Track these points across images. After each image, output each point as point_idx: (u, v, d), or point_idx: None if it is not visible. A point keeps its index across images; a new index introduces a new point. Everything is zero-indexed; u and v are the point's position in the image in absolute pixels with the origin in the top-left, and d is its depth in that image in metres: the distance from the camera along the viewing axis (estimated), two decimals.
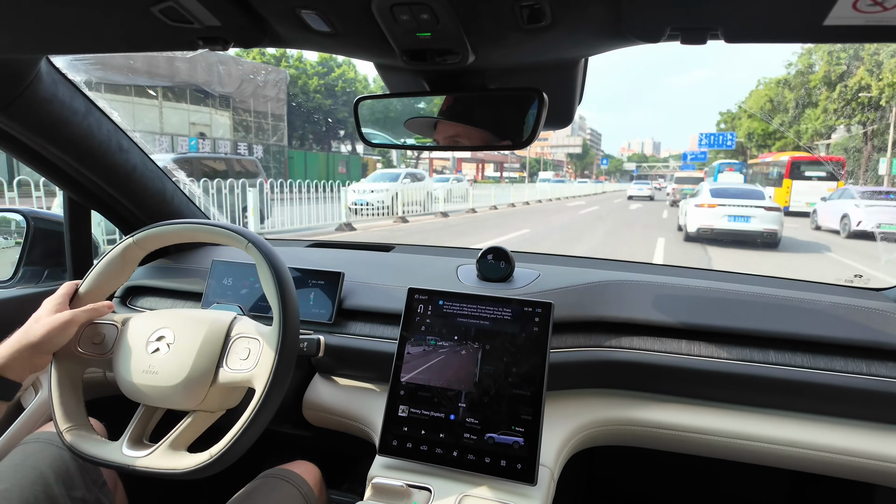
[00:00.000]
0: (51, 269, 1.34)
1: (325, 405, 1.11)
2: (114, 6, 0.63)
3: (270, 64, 28.95)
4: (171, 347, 0.84)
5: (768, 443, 0.95)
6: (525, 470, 0.83)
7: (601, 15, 0.60)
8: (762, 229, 9.82)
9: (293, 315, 0.82)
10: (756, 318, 1.00)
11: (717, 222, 10.11)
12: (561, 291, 1.08)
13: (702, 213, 10.36)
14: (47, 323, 0.82)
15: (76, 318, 0.85)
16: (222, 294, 1.19)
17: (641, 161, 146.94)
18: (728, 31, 0.59)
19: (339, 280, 1.15)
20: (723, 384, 0.97)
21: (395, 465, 0.90)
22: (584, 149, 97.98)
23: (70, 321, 0.84)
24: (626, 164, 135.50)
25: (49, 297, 0.87)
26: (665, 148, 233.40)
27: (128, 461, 0.82)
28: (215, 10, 0.61)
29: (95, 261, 0.93)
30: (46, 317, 0.83)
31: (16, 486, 0.86)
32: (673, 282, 1.13)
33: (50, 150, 1.09)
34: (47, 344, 0.82)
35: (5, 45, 0.79)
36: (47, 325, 0.82)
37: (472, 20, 0.61)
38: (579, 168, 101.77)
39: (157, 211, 1.33)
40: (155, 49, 0.80)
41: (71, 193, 1.27)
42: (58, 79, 1.02)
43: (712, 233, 10.16)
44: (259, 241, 0.85)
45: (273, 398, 0.78)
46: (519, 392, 0.88)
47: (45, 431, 0.98)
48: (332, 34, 0.67)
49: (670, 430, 0.99)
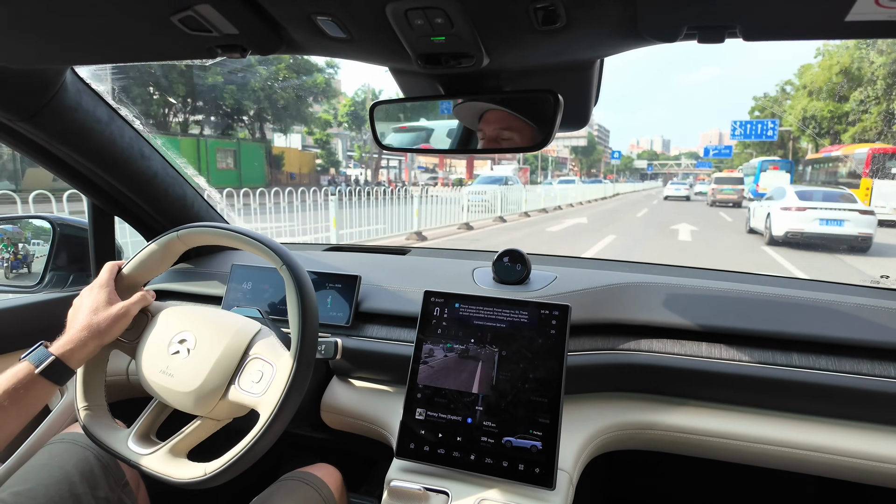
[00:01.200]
0: (76, 274, 1.37)
1: (343, 408, 1.12)
2: (135, 17, 0.64)
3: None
4: (191, 353, 0.85)
5: (793, 447, 0.93)
6: (543, 474, 0.83)
7: (616, 15, 0.60)
8: (857, 233, 9.51)
9: (310, 346, 0.82)
10: (779, 319, 0.98)
11: (808, 226, 9.84)
12: (578, 294, 1.08)
13: (790, 216, 10.07)
14: (110, 314, 0.85)
15: (131, 310, 0.88)
16: (242, 298, 1.21)
17: (652, 158, 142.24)
18: (747, 28, 0.58)
19: (356, 283, 1.15)
20: (745, 387, 0.95)
21: (413, 469, 0.90)
22: (591, 143, 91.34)
23: (127, 312, 0.87)
24: (637, 161, 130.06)
25: (96, 284, 0.89)
26: (675, 146, 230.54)
27: (130, 455, 0.84)
28: (233, 19, 0.62)
29: (137, 250, 0.95)
30: (104, 307, 0.86)
31: (42, 484, 0.88)
32: (692, 283, 1.12)
33: (74, 158, 1.12)
34: (110, 334, 0.85)
35: (33, 56, 0.81)
36: (111, 316, 0.85)
37: (486, 23, 0.61)
38: (585, 166, 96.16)
39: (178, 216, 1.35)
40: (174, 58, 0.81)
41: (95, 200, 1.30)
42: (82, 88, 1.05)
43: (802, 237, 9.89)
44: (294, 265, 0.84)
45: (276, 428, 0.78)
46: (536, 395, 0.87)
47: (71, 432, 1.00)
48: (347, 40, 0.67)
49: (691, 434, 0.98)
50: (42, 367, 0.77)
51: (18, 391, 0.75)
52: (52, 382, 0.78)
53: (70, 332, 0.83)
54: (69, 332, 0.83)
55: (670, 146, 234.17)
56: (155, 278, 1.02)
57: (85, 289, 0.90)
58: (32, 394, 0.77)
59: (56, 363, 0.79)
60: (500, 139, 0.84)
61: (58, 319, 0.89)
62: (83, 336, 0.82)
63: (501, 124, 0.83)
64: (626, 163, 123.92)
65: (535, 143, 0.80)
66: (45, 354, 0.79)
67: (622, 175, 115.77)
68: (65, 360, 0.80)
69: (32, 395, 0.77)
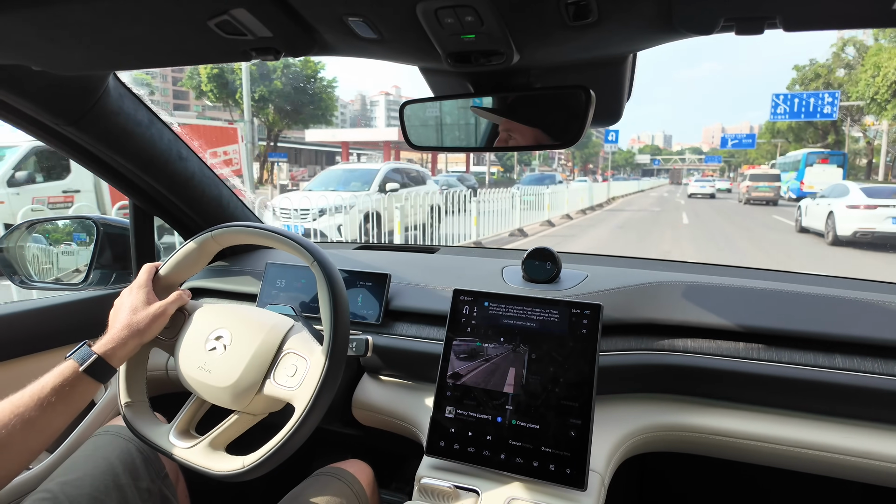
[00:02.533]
0: (118, 272, 1.42)
1: (374, 405, 1.13)
2: (174, 23, 0.66)
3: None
4: (227, 349, 0.88)
5: (837, 453, 0.90)
6: (575, 475, 0.82)
7: (650, 9, 0.58)
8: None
9: (342, 341, 0.83)
10: (821, 320, 0.95)
11: (880, 224, 9.47)
12: (610, 293, 1.06)
13: (858, 214, 9.69)
14: (150, 314, 0.89)
15: (169, 309, 0.91)
16: (276, 296, 1.24)
17: (654, 153, 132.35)
18: (787, 18, 0.56)
19: (386, 281, 1.16)
20: (785, 390, 0.92)
21: (443, 466, 0.90)
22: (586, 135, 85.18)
23: (165, 311, 0.90)
24: (639, 156, 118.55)
25: (135, 285, 0.93)
26: (676, 141, 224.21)
27: (171, 448, 0.87)
28: (267, 22, 0.63)
29: (174, 250, 0.98)
30: (143, 307, 0.89)
31: (88, 475, 0.92)
32: (727, 282, 1.08)
33: (117, 160, 1.16)
34: (149, 333, 0.89)
35: (78, 63, 0.85)
36: (150, 315, 0.88)
37: (516, 20, 0.61)
38: (580, 160, 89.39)
39: (214, 215, 1.39)
40: (210, 61, 0.83)
41: (136, 200, 1.34)
42: (123, 92, 1.09)
43: (873, 236, 9.51)
44: (325, 261, 0.86)
45: (311, 421, 0.80)
46: (567, 396, 0.86)
47: (115, 425, 1.04)
48: (378, 40, 0.68)
49: (727, 436, 0.95)
50: (86, 366, 0.81)
51: (65, 388, 0.78)
52: (95, 380, 0.82)
53: (111, 332, 0.87)
54: (111, 331, 0.87)
55: (672, 141, 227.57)
56: (192, 276, 1.06)
57: (125, 289, 0.93)
58: (78, 391, 0.80)
59: (99, 361, 0.82)
60: (508, 139, 0.85)
61: (101, 316, 0.92)
62: (124, 335, 0.86)
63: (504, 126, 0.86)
64: (626, 157, 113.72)
65: (566, 140, 0.80)
66: (89, 353, 0.82)
67: (622, 171, 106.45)
68: (107, 359, 0.83)
69: (78, 392, 0.80)
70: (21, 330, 1.20)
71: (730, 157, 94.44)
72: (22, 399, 0.76)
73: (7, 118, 1.00)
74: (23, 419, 0.74)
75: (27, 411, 0.75)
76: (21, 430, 0.74)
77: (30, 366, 1.19)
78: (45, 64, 0.82)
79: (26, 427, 0.74)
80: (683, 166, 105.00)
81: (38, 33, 0.69)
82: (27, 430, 0.74)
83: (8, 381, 1.13)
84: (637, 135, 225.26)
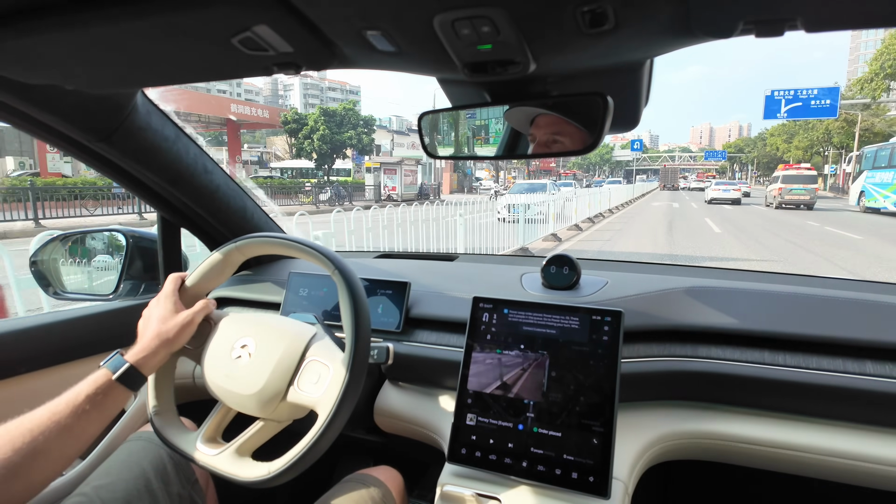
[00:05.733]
0: (147, 283, 1.46)
1: (396, 412, 1.14)
2: (199, 41, 0.68)
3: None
4: (252, 357, 0.89)
5: (869, 462, 0.87)
6: (598, 483, 0.81)
7: (668, 13, 0.58)
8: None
9: (364, 347, 0.84)
10: (850, 325, 0.92)
11: None
12: (631, 299, 1.05)
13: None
14: (178, 323, 0.91)
15: (196, 318, 0.93)
16: (299, 304, 1.26)
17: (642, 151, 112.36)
18: (809, 19, 0.55)
19: (406, 289, 1.17)
20: (813, 397, 0.90)
21: (465, 474, 0.90)
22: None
23: (192, 320, 0.93)
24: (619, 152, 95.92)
25: (162, 296, 0.95)
26: (664, 142, 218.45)
27: (199, 456, 0.89)
28: (288, 38, 0.65)
29: (199, 262, 1.01)
30: (172, 316, 0.92)
31: (121, 479, 0.95)
32: (752, 287, 1.06)
33: (145, 174, 1.20)
34: (178, 342, 0.91)
35: (108, 81, 0.88)
36: (178, 325, 0.91)
37: (532, 29, 0.62)
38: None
39: (238, 227, 1.42)
40: (234, 76, 0.86)
41: (163, 213, 1.38)
42: (151, 109, 1.12)
43: None
44: (346, 269, 0.87)
45: (335, 427, 0.81)
46: (589, 403, 0.85)
47: (147, 431, 1.07)
48: (396, 53, 0.69)
49: (753, 444, 0.93)
50: (118, 374, 0.83)
51: (98, 396, 0.81)
52: (127, 388, 0.84)
53: (142, 341, 0.89)
54: (141, 340, 0.89)
55: (659, 141, 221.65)
56: (217, 286, 1.08)
57: (153, 300, 0.96)
58: (110, 398, 0.83)
59: (131, 370, 0.84)
60: (552, 143, 0.83)
61: (132, 326, 0.95)
62: (154, 344, 0.88)
63: (553, 129, 0.83)
64: (602, 154, 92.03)
65: (585, 147, 0.79)
66: (121, 362, 0.85)
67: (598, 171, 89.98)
68: (138, 367, 0.86)
69: (110, 399, 0.83)
70: (57, 340, 1.24)
71: (738, 152, 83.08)
72: (59, 406, 0.78)
73: (41, 135, 1.04)
74: (60, 426, 0.76)
75: (63, 418, 0.77)
76: (58, 436, 0.76)
77: (65, 374, 1.23)
78: (76, 83, 0.86)
79: (63, 433, 0.76)
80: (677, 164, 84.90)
81: (71, 54, 0.72)
82: (64, 437, 0.77)
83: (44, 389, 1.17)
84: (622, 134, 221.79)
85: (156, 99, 1.15)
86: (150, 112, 1.12)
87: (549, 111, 0.83)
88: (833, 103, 24.59)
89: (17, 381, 1.15)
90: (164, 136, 1.16)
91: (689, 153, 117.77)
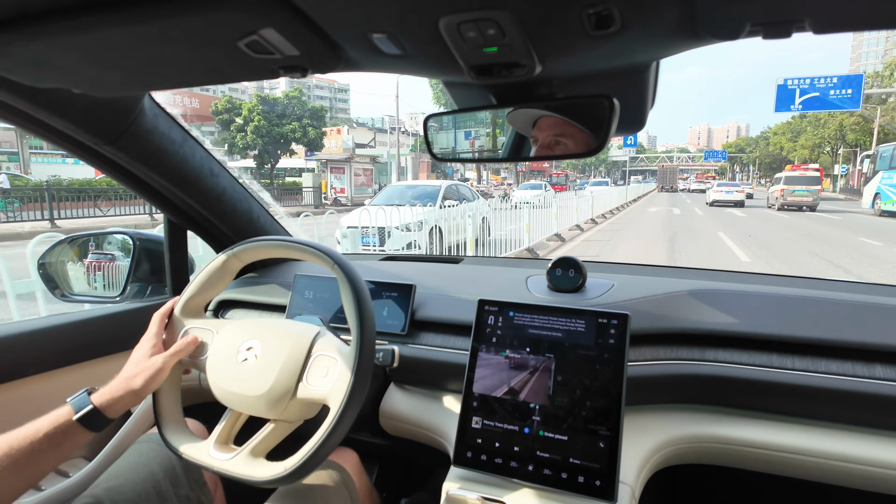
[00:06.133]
0: (154, 286, 1.47)
1: (401, 415, 1.14)
2: (206, 45, 0.69)
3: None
4: (258, 359, 0.90)
5: (878, 466, 0.86)
6: (604, 487, 0.80)
7: (674, 15, 0.58)
8: None
9: (370, 337, 0.85)
10: (858, 328, 0.91)
11: None
12: (637, 302, 1.04)
13: None
14: (145, 371, 0.89)
15: (167, 364, 0.92)
16: (304, 306, 1.26)
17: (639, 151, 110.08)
18: (817, 21, 0.55)
19: (411, 292, 1.17)
20: (823, 400, 0.89)
21: (470, 477, 0.90)
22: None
23: (163, 368, 0.91)
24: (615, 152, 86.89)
25: (146, 335, 0.94)
26: (661, 143, 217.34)
27: (212, 462, 0.89)
28: (295, 41, 0.65)
29: (197, 270, 1.01)
30: (144, 361, 0.91)
31: (130, 481, 0.95)
32: (759, 290, 1.06)
33: (152, 177, 1.21)
34: (146, 390, 0.89)
35: (116, 85, 0.89)
36: (146, 373, 0.89)
37: (538, 31, 0.61)
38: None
39: (244, 229, 1.42)
40: (240, 79, 0.86)
41: (170, 215, 1.39)
42: (158, 112, 1.13)
43: None
44: (344, 263, 0.89)
45: (347, 418, 0.82)
46: (595, 406, 0.85)
47: (156, 433, 1.08)
48: (401, 56, 0.69)
49: (761, 448, 0.92)
50: (79, 416, 0.81)
51: (57, 436, 0.79)
52: (88, 430, 0.82)
53: (113, 382, 0.88)
54: (114, 381, 0.88)
55: (656, 142, 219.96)
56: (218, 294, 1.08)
57: (144, 336, 0.95)
58: (69, 440, 0.81)
59: (93, 413, 0.83)
60: (555, 145, 0.83)
61: (137, 328, 0.96)
62: (120, 391, 0.86)
63: (556, 130, 0.83)
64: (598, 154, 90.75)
65: (590, 149, 0.79)
66: (86, 402, 0.83)
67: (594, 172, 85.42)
68: (102, 410, 0.84)
69: (69, 440, 0.81)
70: (65, 341, 1.25)
71: (738, 151, 79.27)
72: (15, 440, 0.76)
73: (49, 138, 1.05)
74: (13, 461, 0.75)
75: (18, 453, 0.75)
76: (10, 470, 0.74)
77: (73, 376, 1.24)
78: (84, 87, 0.86)
79: (15, 468, 0.75)
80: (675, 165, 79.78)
81: (80, 58, 0.73)
82: (14, 473, 0.75)
83: (52, 391, 1.18)
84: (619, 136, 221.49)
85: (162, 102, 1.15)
86: (157, 115, 1.13)
87: (552, 113, 0.83)
88: (855, 94, 21.55)
89: (26, 382, 1.15)
90: (171, 139, 1.17)
91: (688, 154, 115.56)
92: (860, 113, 26.89)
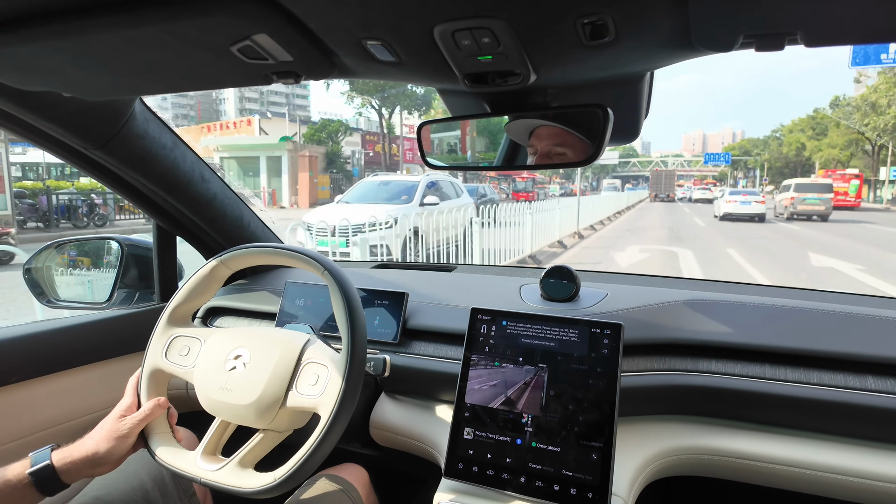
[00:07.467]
0: (141, 292, 1.45)
1: (392, 425, 1.12)
2: (198, 49, 0.68)
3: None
4: (247, 367, 0.88)
5: (871, 479, 0.86)
6: (597, 500, 0.80)
7: (667, 27, 0.58)
8: None
9: (361, 345, 0.84)
10: (851, 339, 0.92)
11: None
12: (631, 311, 1.04)
13: None
14: (110, 441, 0.85)
15: (134, 431, 0.87)
16: (295, 314, 1.24)
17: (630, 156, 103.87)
18: (808, 34, 0.55)
19: (403, 300, 1.16)
20: (814, 412, 0.89)
21: (462, 489, 0.88)
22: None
23: (128, 434, 0.86)
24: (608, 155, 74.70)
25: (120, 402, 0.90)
26: (655, 149, 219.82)
27: (200, 473, 0.87)
28: (288, 47, 0.65)
29: (185, 278, 0.99)
30: (114, 424, 0.86)
31: (119, 490, 0.93)
32: (753, 301, 1.06)
33: (142, 182, 1.19)
34: (109, 459, 0.85)
35: (106, 89, 0.87)
36: (110, 443, 0.84)
37: (532, 41, 0.61)
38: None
39: (235, 236, 1.41)
40: (233, 85, 0.85)
41: (159, 221, 1.37)
42: (149, 117, 1.12)
43: None
44: (335, 269, 0.88)
45: (337, 427, 0.80)
46: (588, 417, 0.84)
47: None
48: (396, 63, 0.69)
49: (754, 460, 0.92)
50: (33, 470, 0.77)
51: (7, 490, 0.75)
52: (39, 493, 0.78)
53: (79, 442, 0.84)
54: (80, 442, 0.84)
55: (650, 148, 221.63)
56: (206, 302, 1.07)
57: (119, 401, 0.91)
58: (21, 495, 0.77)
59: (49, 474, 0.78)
60: (553, 154, 0.83)
61: (124, 335, 0.94)
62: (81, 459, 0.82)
63: (555, 140, 0.83)
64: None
65: (586, 158, 0.79)
66: (44, 458, 0.78)
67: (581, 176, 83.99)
68: (59, 474, 0.79)
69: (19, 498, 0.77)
70: (50, 348, 1.22)
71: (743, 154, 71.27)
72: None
73: (37, 142, 1.04)
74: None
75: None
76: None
77: (58, 383, 1.21)
78: (74, 90, 0.85)
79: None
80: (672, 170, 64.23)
81: (69, 61, 0.72)
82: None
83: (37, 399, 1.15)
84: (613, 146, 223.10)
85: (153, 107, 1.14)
86: (148, 120, 1.12)
87: (551, 123, 0.83)
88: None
89: (10, 390, 1.13)
90: (162, 144, 1.16)
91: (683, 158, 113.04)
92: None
